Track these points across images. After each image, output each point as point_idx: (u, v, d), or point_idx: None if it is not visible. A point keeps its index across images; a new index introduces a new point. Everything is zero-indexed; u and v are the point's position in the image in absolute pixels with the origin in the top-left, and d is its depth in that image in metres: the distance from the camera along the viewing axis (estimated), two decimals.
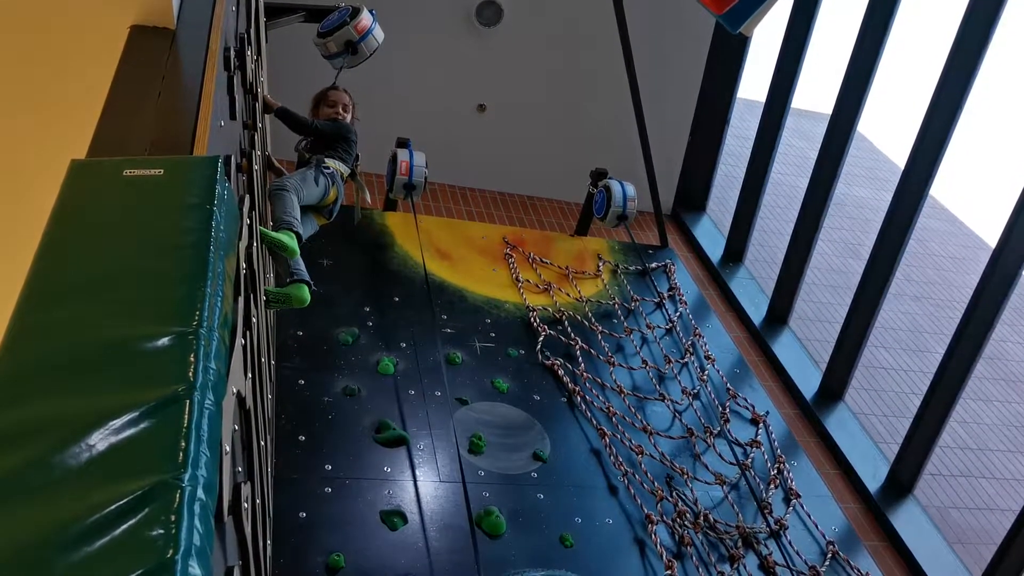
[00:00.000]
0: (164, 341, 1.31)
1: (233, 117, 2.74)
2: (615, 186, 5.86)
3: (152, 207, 1.59)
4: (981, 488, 5.89)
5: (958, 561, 4.90)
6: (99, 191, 1.63)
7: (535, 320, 5.18)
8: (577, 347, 5.06)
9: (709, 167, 7.91)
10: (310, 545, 3.45)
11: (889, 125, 11.56)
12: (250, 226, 2.24)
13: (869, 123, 11.83)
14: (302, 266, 3.40)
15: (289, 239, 3.21)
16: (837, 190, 6.28)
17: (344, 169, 3.97)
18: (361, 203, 4.39)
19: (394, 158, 5.34)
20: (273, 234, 3.16)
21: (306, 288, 3.35)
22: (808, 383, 6.09)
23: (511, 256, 5.70)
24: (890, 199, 5.64)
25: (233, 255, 1.77)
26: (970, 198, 10.88)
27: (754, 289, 7.01)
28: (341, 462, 3.86)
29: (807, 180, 6.46)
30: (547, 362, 4.88)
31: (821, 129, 6.44)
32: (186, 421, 1.19)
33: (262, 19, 4.28)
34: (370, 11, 4.52)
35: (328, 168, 3.82)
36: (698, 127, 7.81)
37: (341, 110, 4.14)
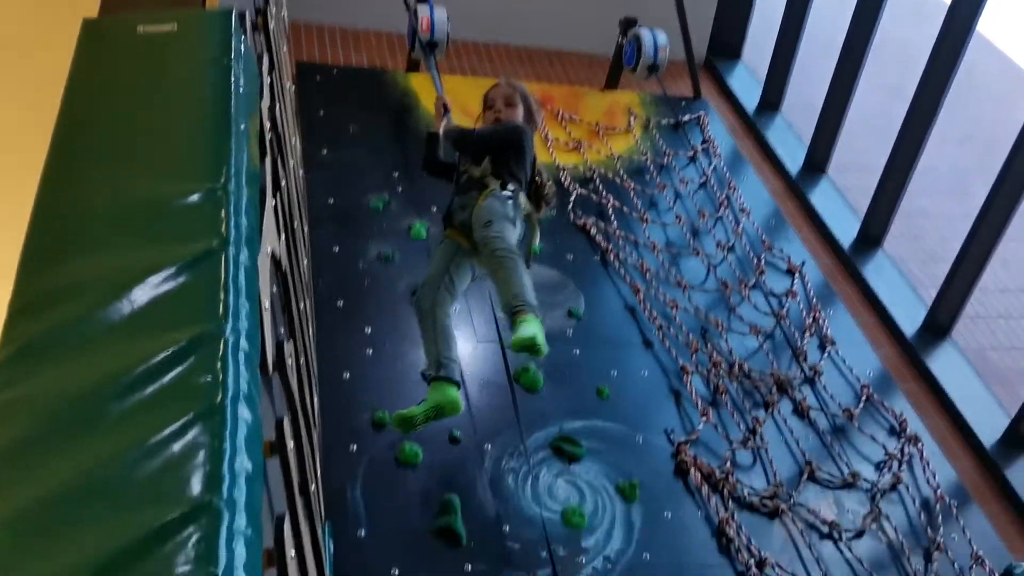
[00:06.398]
0: (194, 198, 1.31)
1: None
2: (645, 35, 5.61)
3: (169, 64, 1.55)
4: (1022, 329, 5.86)
5: (995, 401, 4.93)
6: (114, 50, 1.58)
7: (566, 179, 5.11)
8: (609, 205, 5.00)
9: (744, 11, 7.51)
10: (355, 403, 3.57)
11: None
12: (271, 85, 2.18)
13: None
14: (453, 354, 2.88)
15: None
16: (880, 30, 5.95)
17: (521, 193, 3.07)
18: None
19: (414, 14, 5.14)
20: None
21: (454, 388, 2.83)
22: (846, 231, 5.98)
23: None
24: (935, 35, 5.34)
25: (256, 114, 1.73)
26: (1019, 32, 10.32)
27: (791, 138, 6.80)
28: (380, 325, 3.94)
29: (848, 21, 6.12)
30: (579, 222, 4.84)
31: None
32: (223, 275, 1.19)
33: None
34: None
35: (509, 197, 3.00)
36: None
37: (502, 105, 3.20)
